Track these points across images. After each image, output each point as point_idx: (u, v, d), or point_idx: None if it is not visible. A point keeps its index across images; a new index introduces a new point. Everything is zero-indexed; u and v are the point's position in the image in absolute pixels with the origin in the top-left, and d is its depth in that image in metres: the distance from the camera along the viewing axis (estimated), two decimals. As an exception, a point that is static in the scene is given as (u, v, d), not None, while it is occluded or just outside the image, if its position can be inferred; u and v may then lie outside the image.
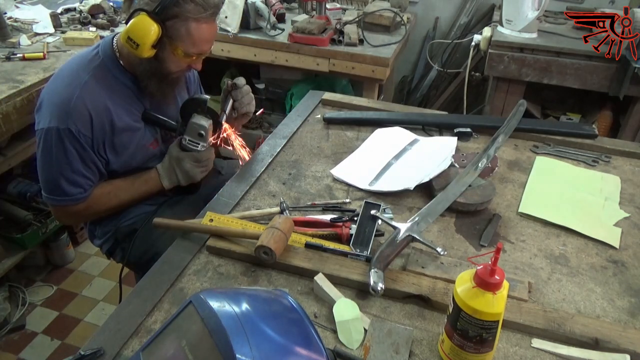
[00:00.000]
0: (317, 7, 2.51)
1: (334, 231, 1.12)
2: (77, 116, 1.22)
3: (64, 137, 1.22)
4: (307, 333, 0.69)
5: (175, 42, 1.21)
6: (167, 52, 1.23)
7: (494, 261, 0.76)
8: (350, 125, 1.62)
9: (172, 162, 1.39)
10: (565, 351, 0.87)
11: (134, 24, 1.16)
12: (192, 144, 1.37)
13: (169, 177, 1.40)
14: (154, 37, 1.17)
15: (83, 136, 1.24)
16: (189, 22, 1.19)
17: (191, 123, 1.35)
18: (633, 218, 1.24)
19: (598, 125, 2.18)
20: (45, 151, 1.25)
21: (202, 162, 1.40)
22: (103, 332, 0.89)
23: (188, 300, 0.68)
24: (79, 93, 1.22)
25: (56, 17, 2.40)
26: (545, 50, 2.11)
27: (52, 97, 1.25)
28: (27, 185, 2.22)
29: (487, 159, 1.32)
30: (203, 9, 1.19)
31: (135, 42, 1.17)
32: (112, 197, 1.37)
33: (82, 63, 1.29)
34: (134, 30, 1.16)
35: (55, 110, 1.22)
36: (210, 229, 1.10)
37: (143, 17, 1.16)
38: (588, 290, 1.03)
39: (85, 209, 1.34)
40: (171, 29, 1.19)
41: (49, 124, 1.22)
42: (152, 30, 1.16)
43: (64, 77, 1.27)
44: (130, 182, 1.39)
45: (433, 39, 2.97)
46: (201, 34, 1.22)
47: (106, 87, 1.28)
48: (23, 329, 2.09)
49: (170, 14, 1.17)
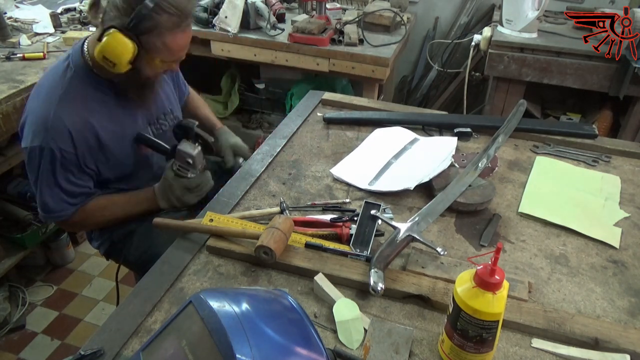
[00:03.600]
0: (317, 7, 2.51)
1: (334, 231, 1.12)
2: (56, 134, 1.19)
3: (46, 156, 1.20)
4: (307, 333, 0.69)
5: (152, 54, 1.19)
6: (144, 62, 1.20)
7: (494, 261, 0.76)
8: (350, 125, 1.62)
9: (165, 186, 1.36)
10: (565, 351, 0.87)
11: (108, 44, 1.12)
12: (182, 170, 1.34)
13: (166, 199, 1.37)
14: (130, 55, 1.14)
15: (66, 153, 1.21)
16: (165, 35, 1.16)
17: (179, 150, 1.32)
18: (633, 218, 1.24)
19: (598, 125, 2.18)
20: (31, 169, 1.24)
21: (192, 189, 1.36)
22: (103, 332, 0.89)
23: (188, 300, 0.68)
24: (54, 110, 1.19)
25: (56, 17, 2.40)
26: (545, 50, 2.11)
27: (31, 116, 1.23)
28: (27, 185, 2.21)
29: (487, 159, 1.32)
30: (178, 19, 1.16)
31: (111, 62, 1.14)
32: (106, 212, 1.36)
33: (56, 77, 1.25)
34: (109, 50, 1.13)
35: (35, 128, 1.20)
36: (210, 229, 1.10)
37: (116, 35, 1.12)
38: (588, 290, 1.03)
39: (80, 221, 1.33)
40: (147, 43, 1.16)
41: (31, 142, 1.21)
42: (127, 48, 1.13)
43: (40, 93, 1.24)
44: (127, 198, 1.38)
45: (433, 39, 2.97)
46: (177, 44, 1.20)
47: (83, 100, 1.24)
48: (23, 329, 2.09)
49: (145, 28, 1.13)
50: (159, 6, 1.12)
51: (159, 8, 1.12)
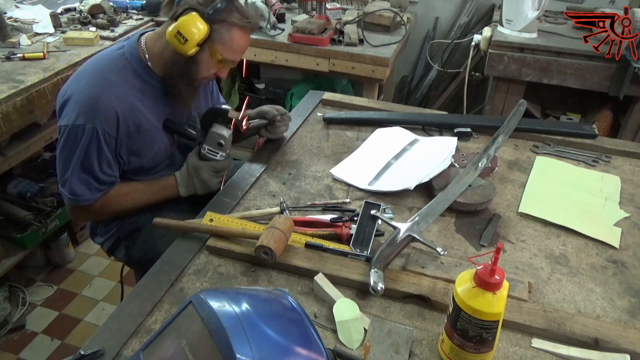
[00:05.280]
0: (317, 7, 2.51)
1: (334, 231, 1.12)
2: (104, 116, 1.23)
3: (88, 136, 1.23)
4: (307, 333, 0.69)
5: (217, 45, 1.26)
6: (206, 54, 1.26)
7: (494, 261, 0.76)
8: (350, 125, 1.62)
9: (190, 171, 1.39)
10: (565, 351, 0.87)
11: (186, 20, 1.20)
12: (211, 153, 1.38)
13: (187, 186, 1.40)
14: (202, 36, 1.21)
15: (108, 136, 1.25)
16: (234, 29, 1.26)
17: (211, 132, 1.36)
18: (633, 218, 1.24)
19: (598, 125, 2.18)
20: (66, 148, 1.25)
21: (219, 172, 1.40)
22: (103, 332, 0.89)
23: (188, 300, 0.68)
24: (107, 94, 1.23)
25: (56, 17, 2.40)
26: (545, 50, 2.11)
27: (77, 95, 1.24)
28: (27, 185, 2.22)
29: (487, 159, 1.32)
30: (247, 20, 1.28)
31: (184, 37, 1.21)
32: (129, 199, 1.38)
33: (109, 63, 1.30)
34: (185, 26, 1.20)
35: (83, 108, 1.23)
36: (210, 229, 1.10)
37: (195, 15, 1.20)
38: (588, 290, 1.03)
39: (100, 208, 1.34)
40: (216, 33, 1.24)
41: (75, 121, 1.22)
42: (202, 29, 1.21)
43: (91, 76, 1.27)
44: (148, 185, 1.40)
45: (433, 39, 2.97)
46: (241, 43, 1.29)
47: (133, 89, 1.29)
48: (23, 329, 2.09)
49: (219, 18, 1.23)
50: (233, 4, 1.25)
51: (233, 6, 1.25)
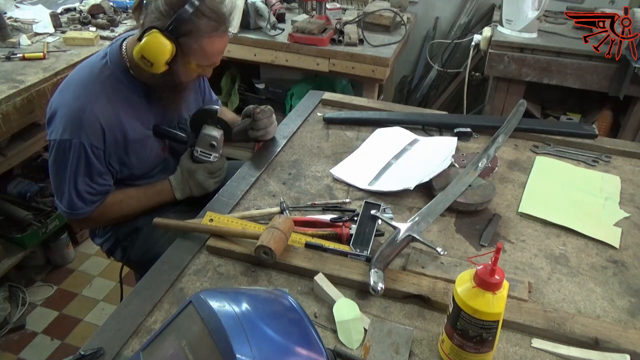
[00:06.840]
0: (317, 7, 2.51)
1: (334, 231, 1.12)
2: (89, 129, 1.21)
3: (76, 150, 1.22)
4: (307, 333, 0.69)
5: (189, 57, 1.21)
6: (180, 65, 1.23)
7: (494, 261, 0.76)
8: (350, 125, 1.62)
9: (184, 174, 1.38)
10: (565, 351, 0.87)
11: (148, 43, 1.15)
12: (204, 155, 1.37)
13: (182, 189, 1.40)
14: (168, 55, 1.17)
15: (95, 149, 1.24)
16: (202, 39, 1.19)
17: (202, 134, 1.36)
18: (633, 218, 1.24)
19: (598, 125, 2.18)
20: (57, 162, 1.25)
21: (215, 173, 1.40)
22: (103, 332, 0.89)
23: (188, 300, 0.68)
24: (91, 106, 1.22)
25: (56, 17, 2.40)
26: (545, 50, 2.11)
27: (63, 108, 1.24)
28: (27, 185, 2.22)
29: (487, 159, 1.32)
30: (216, 24, 1.19)
31: (149, 61, 1.17)
32: (125, 206, 1.38)
33: (92, 73, 1.27)
34: (147, 50, 1.16)
35: (68, 122, 1.22)
36: (210, 229, 1.10)
37: (156, 35, 1.15)
38: (588, 290, 1.03)
39: (98, 216, 1.34)
40: (184, 46, 1.19)
41: (61, 135, 1.22)
42: (165, 48, 1.16)
43: (75, 88, 1.26)
44: (143, 191, 1.39)
45: (433, 39, 2.97)
46: (214, 48, 1.23)
47: (118, 99, 1.27)
48: (23, 329, 2.09)
49: (184, 30, 1.16)
50: (199, 10, 1.15)
51: (199, 12, 1.15)
